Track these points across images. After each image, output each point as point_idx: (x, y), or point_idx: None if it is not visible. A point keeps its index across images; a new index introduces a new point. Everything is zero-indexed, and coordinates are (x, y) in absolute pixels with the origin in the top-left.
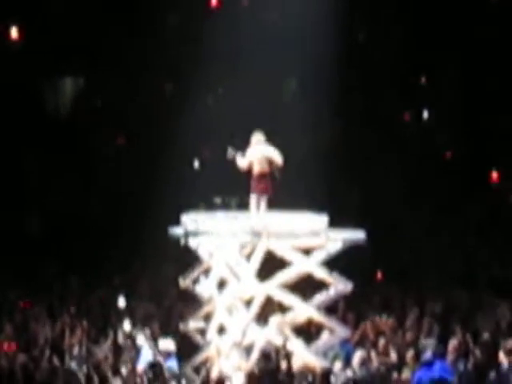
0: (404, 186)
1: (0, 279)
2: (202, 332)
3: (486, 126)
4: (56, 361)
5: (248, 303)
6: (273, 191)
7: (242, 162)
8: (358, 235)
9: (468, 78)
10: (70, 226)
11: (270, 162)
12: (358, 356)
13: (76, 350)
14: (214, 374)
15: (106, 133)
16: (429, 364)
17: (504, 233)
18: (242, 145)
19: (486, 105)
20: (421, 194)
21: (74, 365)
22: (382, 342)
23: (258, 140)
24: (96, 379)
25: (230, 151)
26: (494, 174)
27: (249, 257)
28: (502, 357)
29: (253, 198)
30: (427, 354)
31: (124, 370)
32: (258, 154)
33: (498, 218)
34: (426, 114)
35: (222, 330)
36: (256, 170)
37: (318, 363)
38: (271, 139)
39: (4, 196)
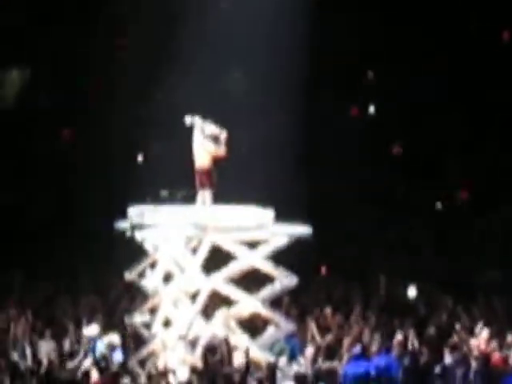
0: (351, 180)
1: None
2: (148, 325)
3: (432, 121)
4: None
5: (194, 297)
6: (214, 185)
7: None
8: (303, 230)
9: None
10: (14, 219)
11: (216, 158)
12: (308, 352)
13: (20, 343)
14: (159, 367)
15: (52, 127)
16: (357, 358)
17: (452, 228)
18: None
19: (432, 100)
20: (368, 188)
21: (16, 356)
22: (329, 337)
23: (197, 128)
24: (40, 372)
25: (188, 118)
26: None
27: (195, 250)
28: (447, 352)
29: (199, 192)
30: (356, 349)
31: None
32: (200, 149)
33: (447, 214)
34: (372, 109)
35: (167, 324)
36: (199, 165)
37: (263, 357)
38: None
39: None
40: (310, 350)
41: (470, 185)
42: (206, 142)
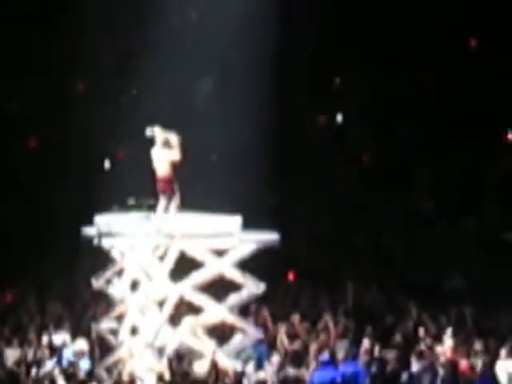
0: (319, 188)
1: None
2: (115, 332)
3: (401, 129)
4: None
5: (161, 304)
6: (176, 192)
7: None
8: (271, 237)
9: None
10: None
11: (173, 164)
12: (274, 360)
13: None
14: (125, 375)
15: (18, 135)
16: (324, 365)
17: (420, 236)
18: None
19: (399, 108)
20: (336, 195)
21: None
22: (296, 344)
23: (157, 139)
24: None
25: (149, 130)
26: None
27: (162, 258)
28: (414, 359)
29: (160, 200)
30: (324, 356)
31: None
32: (157, 156)
33: (416, 221)
34: (339, 118)
35: (134, 331)
36: (158, 172)
37: (230, 365)
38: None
39: None
40: (275, 358)
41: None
42: (162, 150)
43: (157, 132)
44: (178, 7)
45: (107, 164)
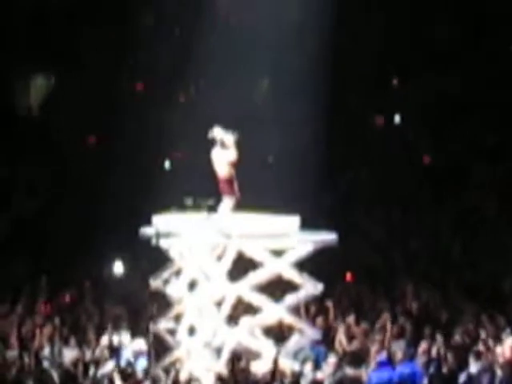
0: (375, 188)
1: None
2: (173, 332)
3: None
4: (27, 359)
5: (219, 304)
6: (236, 193)
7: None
8: (329, 237)
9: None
10: (40, 225)
11: (230, 164)
12: (331, 361)
13: (47, 350)
14: (183, 375)
15: (77, 132)
16: (381, 366)
17: (476, 237)
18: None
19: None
20: (391, 196)
21: (46, 364)
22: (354, 344)
23: (217, 140)
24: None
25: (211, 131)
26: None
27: (220, 258)
28: (472, 360)
29: (223, 200)
30: (381, 356)
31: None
32: (217, 157)
33: (471, 222)
34: (397, 118)
35: (192, 331)
36: (218, 173)
37: (287, 365)
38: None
39: None
40: (332, 359)
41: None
42: (220, 151)
43: (217, 133)
44: (237, 10)
45: (167, 164)
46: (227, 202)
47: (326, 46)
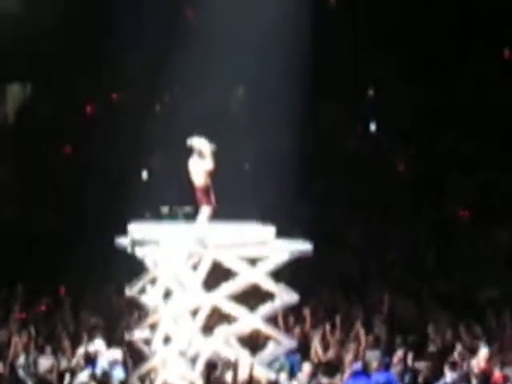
0: (350, 197)
1: None
2: (148, 342)
3: (433, 139)
4: (2, 368)
5: (194, 313)
6: (212, 202)
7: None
8: (304, 246)
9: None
10: (15, 234)
11: (207, 173)
12: (305, 370)
13: (22, 359)
14: None
15: (53, 142)
16: (356, 375)
17: (451, 247)
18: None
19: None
20: (367, 205)
21: (21, 373)
22: (329, 353)
23: (195, 149)
24: None
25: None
26: None
27: (195, 267)
28: (447, 370)
29: (201, 209)
30: (356, 365)
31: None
32: (194, 167)
33: (447, 232)
34: (373, 127)
35: (167, 340)
36: (195, 182)
37: (263, 374)
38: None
39: None
40: (307, 367)
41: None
42: (197, 160)
43: (195, 143)
44: (211, 17)
45: (144, 174)
46: (204, 212)
47: (302, 54)
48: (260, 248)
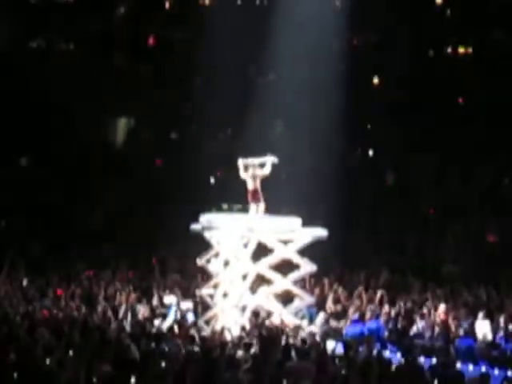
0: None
1: (70, 256)
2: (212, 296)
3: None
4: (110, 315)
5: (244, 277)
6: (261, 200)
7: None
8: (322, 232)
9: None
10: (122, 221)
11: (259, 178)
12: (320, 316)
13: (123, 307)
14: (218, 326)
15: (148, 158)
16: (354, 322)
17: (426, 236)
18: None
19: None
20: (368, 205)
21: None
22: (338, 307)
23: (245, 165)
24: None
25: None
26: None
27: (246, 245)
28: (418, 319)
29: (251, 206)
30: (355, 315)
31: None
32: (247, 174)
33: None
34: (371, 152)
35: (225, 296)
36: (248, 186)
37: (291, 320)
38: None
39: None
40: (321, 316)
41: None
42: (256, 169)
43: (240, 162)
44: (259, 69)
45: (212, 179)
46: (253, 208)
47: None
48: (290, 233)
